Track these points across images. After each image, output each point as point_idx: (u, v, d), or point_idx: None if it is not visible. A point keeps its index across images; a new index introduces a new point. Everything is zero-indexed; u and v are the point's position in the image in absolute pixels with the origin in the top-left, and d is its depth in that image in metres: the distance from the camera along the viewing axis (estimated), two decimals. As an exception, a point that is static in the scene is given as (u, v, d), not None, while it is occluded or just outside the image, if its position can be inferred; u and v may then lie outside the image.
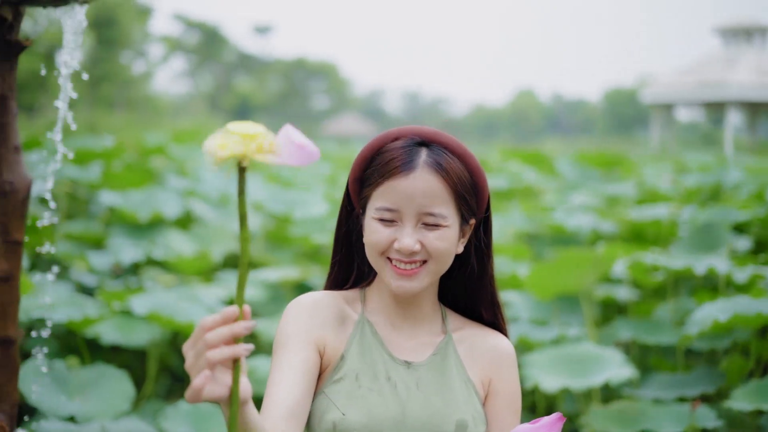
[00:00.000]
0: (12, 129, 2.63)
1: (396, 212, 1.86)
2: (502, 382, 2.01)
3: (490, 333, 2.06)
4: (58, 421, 3.55)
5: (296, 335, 1.91)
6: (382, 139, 1.93)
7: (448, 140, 1.91)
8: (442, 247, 1.87)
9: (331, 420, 1.85)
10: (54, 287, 4.90)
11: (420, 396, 1.91)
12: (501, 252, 5.77)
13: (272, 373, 1.87)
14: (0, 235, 2.62)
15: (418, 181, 1.85)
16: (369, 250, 1.92)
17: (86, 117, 23.29)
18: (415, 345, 1.99)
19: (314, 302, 1.97)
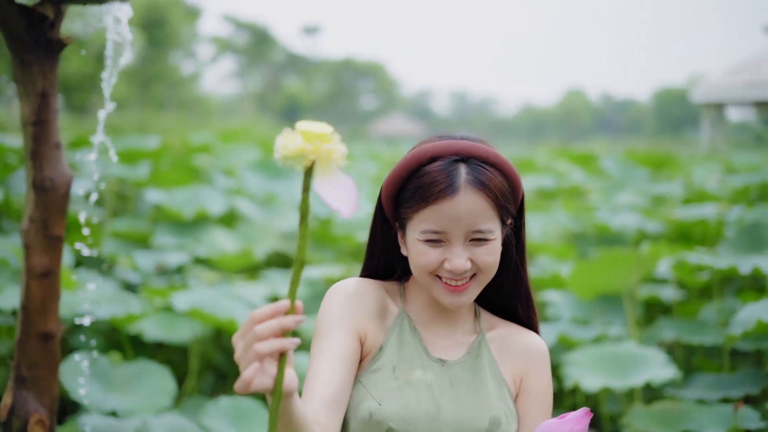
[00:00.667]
0: (53, 126, 2.66)
1: (443, 234, 1.87)
2: (534, 379, 2.02)
3: (523, 331, 2.06)
4: (100, 415, 3.59)
5: (338, 322, 1.92)
6: (417, 159, 1.91)
7: (485, 152, 1.90)
8: (490, 260, 1.90)
9: (368, 409, 1.87)
10: (99, 284, 4.95)
11: (453, 394, 1.92)
12: (544, 251, 5.74)
13: (313, 359, 1.89)
14: (40, 230, 2.66)
15: (463, 202, 1.85)
16: (417, 270, 1.92)
17: (136, 117, 23.51)
18: (450, 344, 2.00)
19: (357, 289, 1.98)
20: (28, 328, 2.66)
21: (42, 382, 2.68)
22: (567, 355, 3.91)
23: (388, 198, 1.97)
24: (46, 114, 2.65)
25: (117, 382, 3.93)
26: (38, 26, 2.60)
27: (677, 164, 11.46)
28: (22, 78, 2.64)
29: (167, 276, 5.53)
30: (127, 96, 34.66)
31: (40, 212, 2.66)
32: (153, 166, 7.55)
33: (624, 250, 4.34)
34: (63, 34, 2.70)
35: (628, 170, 10.06)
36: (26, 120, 2.64)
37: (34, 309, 2.66)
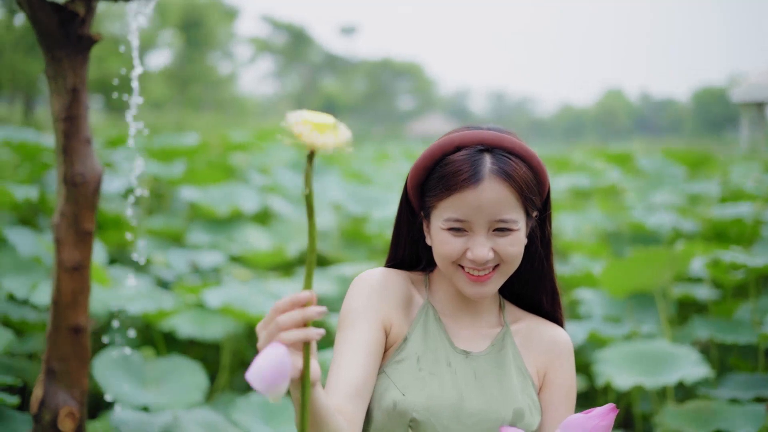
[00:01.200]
0: (83, 121, 2.69)
1: (466, 222, 1.86)
2: (558, 373, 2.00)
3: (548, 325, 2.05)
4: (131, 410, 3.62)
5: (364, 313, 1.92)
6: (443, 148, 1.91)
7: (510, 143, 1.89)
8: (514, 251, 1.88)
9: (392, 399, 1.86)
10: (133, 281, 5.00)
11: (477, 385, 1.92)
12: (578, 250, 5.71)
13: (337, 349, 1.89)
14: (71, 225, 2.69)
15: (487, 191, 1.84)
16: (440, 259, 1.91)
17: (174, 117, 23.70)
18: (474, 335, 1.99)
19: (383, 280, 1.97)
20: (59, 321, 2.70)
21: (72, 375, 2.71)
22: (598, 353, 3.89)
23: (413, 187, 1.96)
24: (77, 110, 2.68)
25: (149, 377, 3.96)
26: (69, 23, 2.63)
27: (715, 163, 11.36)
28: (53, 74, 2.67)
29: (201, 273, 5.56)
30: (165, 96, 34.93)
31: (71, 207, 2.69)
32: (188, 164, 7.60)
33: (657, 249, 4.31)
34: (94, 31, 2.73)
35: (665, 169, 9.98)
36: (57, 116, 2.67)
37: (65, 303, 2.69)
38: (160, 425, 3.40)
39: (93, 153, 2.73)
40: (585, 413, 1.74)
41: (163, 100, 34.31)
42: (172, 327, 4.33)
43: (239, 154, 9.38)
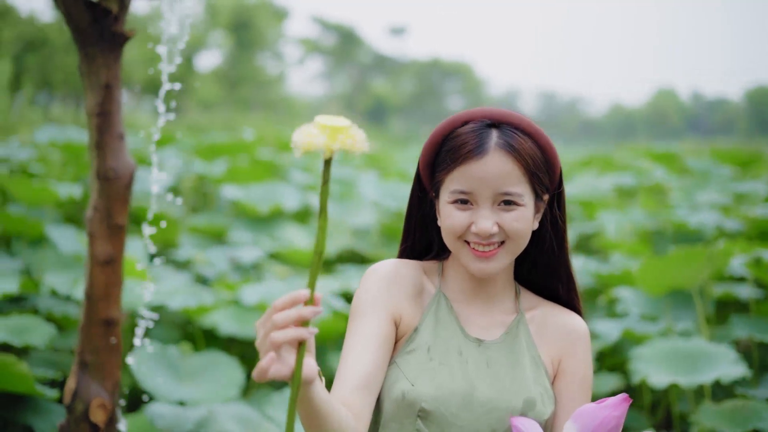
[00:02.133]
0: (116, 117, 2.73)
1: (471, 195, 1.86)
2: (573, 360, 1.99)
3: (564, 312, 2.04)
4: (168, 404, 3.67)
5: (373, 305, 1.92)
6: (451, 123, 1.92)
7: (518, 120, 1.90)
8: (519, 227, 1.87)
9: (401, 390, 1.86)
10: (174, 277, 5.06)
11: (489, 374, 1.91)
12: (618, 248, 5.67)
13: (347, 341, 1.90)
14: (104, 219, 2.73)
15: (491, 163, 1.85)
16: (446, 234, 1.91)
17: (224, 118, 23.91)
18: (488, 323, 1.98)
19: (394, 271, 1.97)
20: (92, 314, 2.74)
21: (104, 368, 2.75)
22: (634, 350, 3.86)
23: (424, 165, 1.97)
24: (110, 105, 2.72)
25: (186, 372, 4.00)
26: (102, 20, 2.67)
27: (764, 163, 11.20)
28: (87, 70, 2.71)
29: (241, 270, 5.61)
30: (215, 97, 35.21)
31: (104, 201, 2.73)
32: (231, 162, 7.67)
33: (695, 247, 4.26)
34: (128, 28, 2.77)
35: (713, 169, 9.87)
36: (91, 111, 2.72)
37: (97, 296, 2.73)
38: (195, 419, 3.45)
39: (126, 148, 2.77)
40: (598, 403, 1.74)
41: (214, 101, 34.59)
42: (214, 324, 4.36)
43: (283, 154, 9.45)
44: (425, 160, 1.96)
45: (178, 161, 7.64)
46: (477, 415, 1.87)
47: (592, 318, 4.70)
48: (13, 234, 5.34)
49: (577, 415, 1.74)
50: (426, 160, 1.96)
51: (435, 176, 1.95)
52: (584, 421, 1.72)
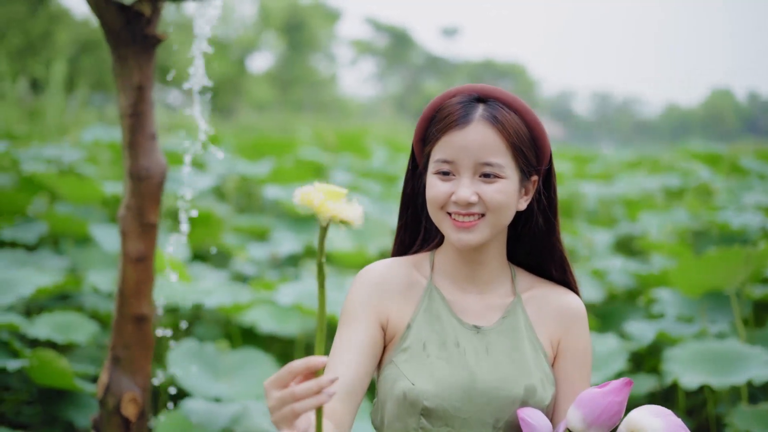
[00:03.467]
0: (148, 117, 2.79)
1: (453, 164, 1.89)
2: (572, 340, 2.00)
3: (561, 291, 2.05)
4: (204, 401, 3.72)
5: (359, 312, 1.95)
6: (441, 98, 1.97)
7: (505, 96, 1.93)
8: (499, 199, 1.89)
9: (402, 389, 1.88)
10: (214, 276, 5.12)
11: (489, 361, 1.92)
12: (658, 249, 5.63)
13: (334, 347, 1.93)
14: (136, 217, 2.79)
15: (473, 133, 1.88)
16: (429, 205, 1.94)
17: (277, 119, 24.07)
18: (484, 308, 1.99)
19: (381, 274, 1.99)
20: (124, 310, 2.80)
21: (136, 363, 2.82)
22: (667, 351, 3.83)
23: (417, 141, 2.01)
24: (143, 106, 2.78)
25: (223, 369, 4.06)
26: (135, 23, 2.73)
27: (818, 164, 11.01)
28: (120, 72, 2.78)
29: (280, 269, 5.66)
30: (268, 98, 35.43)
31: (136, 200, 2.80)
32: (277, 163, 7.74)
33: (733, 248, 4.22)
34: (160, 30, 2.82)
35: (762, 170, 9.73)
36: (123, 112, 2.78)
37: (129, 292, 2.80)
38: (229, 415, 3.50)
39: (158, 148, 2.83)
40: (600, 388, 1.75)
41: (266, 102, 34.82)
42: (253, 322, 4.41)
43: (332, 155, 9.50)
44: (417, 135, 2.00)
45: (223, 162, 7.72)
46: (479, 406, 1.88)
47: (629, 319, 4.68)
48: (60, 233, 5.45)
49: (580, 401, 1.76)
50: (418, 136, 2.00)
51: (425, 150, 1.98)
52: (588, 409, 1.74)
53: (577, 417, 1.76)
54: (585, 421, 1.75)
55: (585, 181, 8.98)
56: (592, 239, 6.22)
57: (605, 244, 6.42)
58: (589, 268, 5.43)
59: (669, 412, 1.78)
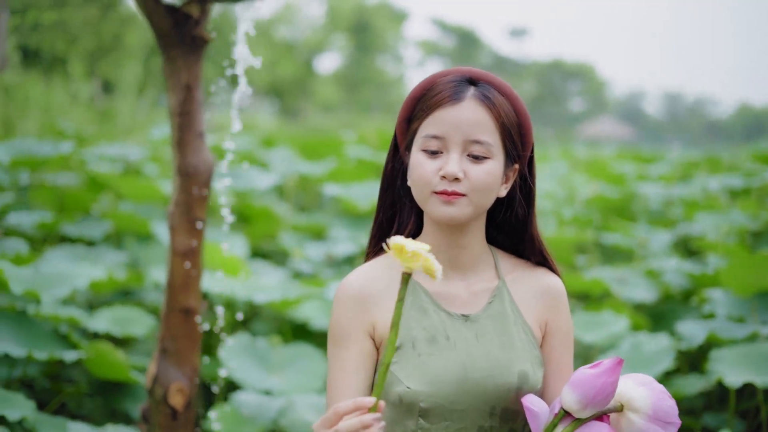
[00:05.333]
0: (196, 116, 2.87)
1: (442, 140, 1.90)
2: (558, 320, 2.03)
3: (542, 273, 2.07)
4: (255, 394, 3.81)
5: (346, 331, 1.95)
6: (431, 78, 1.98)
7: (497, 81, 1.96)
8: (485, 179, 1.90)
9: (397, 393, 1.90)
10: (270, 273, 5.21)
11: (481, 349, 1.93)
12: (714, 250, 5.58)
13: (331, 369, 1.96)
14: (184, 213, 2.87)
15: (465, 110, 1.90)
16: (415, 184, 1.94)
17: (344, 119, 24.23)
18: (470, 295, 1.99)
19: (358, 286, 1.97)
20: (172, 303, 2.89)
21: (183, 354, 2.90)
22: (714, 352, 3.81)
23: (402, 120, 2.01)
24: (191, 105, 2.87)
25: (275, 363, 4.14)
26: (183, 24, 2.81)
27: None
28: (169, 72, 2.87)
29: (335, 266, 5.73)
30: (335, 100, 35.63)
31: (184, 196, 2.88)
32: (338, 162, 7.82)
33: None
34: (208, 31, 2.90)
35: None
36: (172, 111, 2.86)
37: (177, 286, 2.88)
38: (277, 408, 3.58)
39: (205, 146, 2.91)
40: (591, 367, 1.79)
41: (334, 103, 35.03)
42: (306, 318, 4.48)
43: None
44: (403, 114, 2.01)
45: (284, 161, 7.83)
46: (475, 396, 1.90)
47: (682, 319, 4.65)
48: (123, 230, 5.60)
49: (574, 383, 1.79)
50: (403, 115, 2.01)
51: (410, 128, 1.98)
52: (583, 390, 1.78)
53: (572, 398, 1.80)
54: (581, 402, 1.79)
55: (647, 183, 8.91)
56: (646, 239, 6.19)
57: (663, 245, 6.37)
58: (644, 269, 5.40)
59: (651, 380, 1.83)
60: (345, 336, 1.94)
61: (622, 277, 5.12)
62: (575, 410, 1.80)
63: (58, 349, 3.70)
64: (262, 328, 4.83)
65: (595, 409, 1.80)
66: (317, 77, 36.70)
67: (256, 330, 4.81)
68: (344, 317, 1.96)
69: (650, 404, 1.79)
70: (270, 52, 33.23)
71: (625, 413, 1.81)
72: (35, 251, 5.16)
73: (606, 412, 1.82)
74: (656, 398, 1.79)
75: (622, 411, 1.82)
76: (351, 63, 40.26)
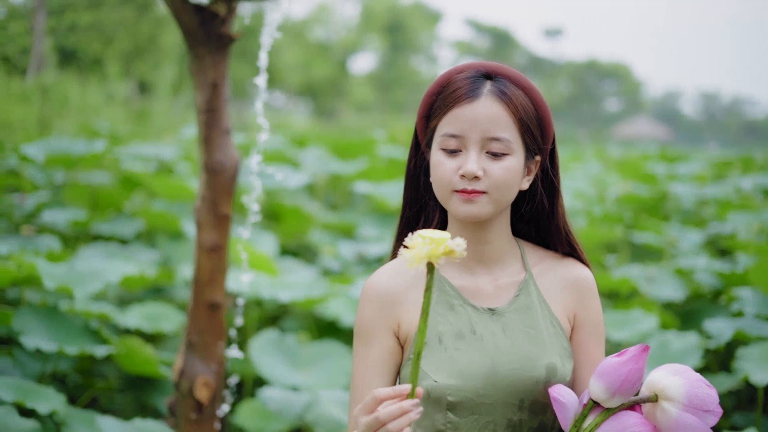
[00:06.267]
0: (223, 113, 2.91)
1: (460, 139, 1.89)
2: (587, 312, 2.01)
3: (569, 263, 2.05)
4: (281, 389, 3.84)
5: (372, 330, 1.95)
6: (447, 74, 1.97)
7: (513, 74, 1.94)
8: (505, 176, 1.89)
9: (425, 388, 1.89)
10: (300, 271, 5.25)
11: (508, 343, 1.92)
12: (744, 249, 5.55)
13: (357, 368, 1.96)
14: (210, 209, 2.91)
15: (482, 107, 1.88)
16: (436, 184, 1.93)
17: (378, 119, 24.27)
18: (496, 289, 1.98)
19: (384, 285, 1.97)
20: (198, 298, 2.93)
21: (209, 348, 2.94)
22: (741, 349, 3.79)
23: (421, 117, 2.00)
24: (217, 102, 2.90)
25: (302, 360, 4.17)
26: (210, 22, 2.85)
27: None
28: (196, 70, 2.90)
29: (365, 264, 5.76)
30: (369, 100, 35.69)
31: (210, 192, 2.92)
32: (370, 162, 7.84)
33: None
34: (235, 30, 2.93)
35: None
36: (199, 108, 2.90)
37: (204, 281, 2.92)
38: (303, 403, 3.60)
39: (231, 143, 2.94)
40: (618, 356, 1.78)
41: (368, 103, 35.09)
42: (335, 315, 4.51)
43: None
44: (421, 112, 2.00)
45: (316, 160, 7.87)
46: (503, 389, 1.89)
47: (711, 317, 4.62)
48: (155, 228, 5.66)
49: (601, 372, 1.78)
50: (422, 112, 2.00)
51: (429, 126, 1.98)
52: (610, 379, 1.76)
53: (599, 388, 1.78)
54: (608, 391, 1.77)
55: (680, 182, 8.87)
56: (676, 238, 6.15)
57: (694, 244, 6.34)
58: (673, 267, 5.38)
59: (687, 368, 1.80)
60: (370, 334, 1.95)
61: (651, 275, 5.10)
62: (603, 399, 1.79)
63: (89, 345, 3.75)
64: (292, 326, 4.86)
65: (624, 398, 1.78)
66: (351, 78, 36.79)
67: (286, 327, 4.85)
68: (369, 315, 1.96)
69: (685, 393, 1.76)
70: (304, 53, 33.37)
71: (659, 403, 1.78)
72: (69, 249, 5.23)
73: (638, 402, 1.80)
74: (691, 387, 1.77)
75: (656, 401, 1.79)
76: (385, 63, 40.32)
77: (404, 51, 40.66)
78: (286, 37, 29.51)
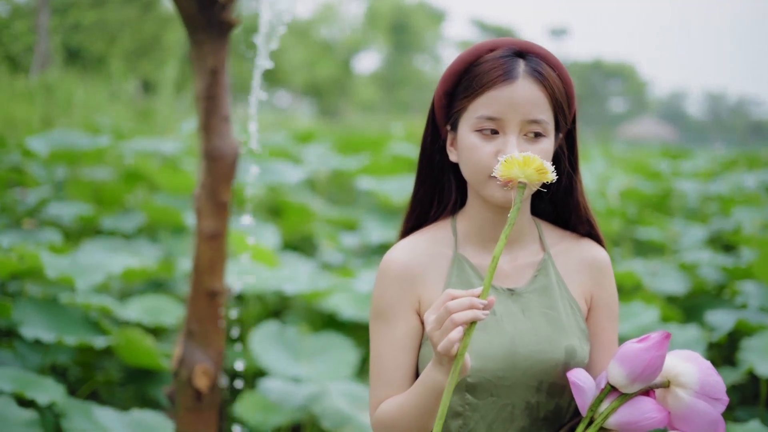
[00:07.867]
0: (222, 100, 2.89)
1: (498, 121, 1.83)
2: (603, 293, 1.99)
3: (586, 244, 2.02)
4: (283, 381, 3.83)
5: (393, 308, 1.91)
6: (475, 51, 1.89)
7: (543, 51, 1.89)
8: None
9: None
10: (301, 265, 5.24)
11: (527, 324, 1.88)
12: (747, 243, 5.53)
13: (377, 345, 1.92)
14: (209, 196, 2.89)
15: (521, 89, 1.82)
16: (471, 168, 1.86)
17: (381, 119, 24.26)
18: (515, 269, 1.94)
19: (403, 262, 1.93)
20: (197, 286, 2.91)
21: (208, 337, 2.92)
22: (745, 341, 3.77)
23: (442, 95, 1.93)
24: (216, 89, 2.88)
25: (303, 352, 4.16)
26: (210, 8, 2.83)
27: None
28: (196, 56, 2.88)
29: (367, 258, 5.75)
30: (373, 99, 35.69)
31: (210, 180, 2.90)
32: (372, 158, 7.83)
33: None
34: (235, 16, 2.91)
35: None
36: (199, 95, 2.88)
37: (203, 269, 2.90)
38: (305, 395, 3.59)
39: (231, 130, 2.92)
40: (639, 341, 1.76)
41: (372, 103, 35.08)
42: (335, 308, 4.49)
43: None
44: (444, 88, 1.92)
45: (319, 156, 7.87)
46: (522, 371, 1.86)
47: (711, 310, 4.60)
48: (157, 222, 5.66)
49: (622, 357, 1.76)
50: (445, 89, 1.92)
51: (455, 105, 1.91)
52: (631, 365, 1.75)
53: (620, 373, 1.76)
54: (629, 377, 1.75)
55: (684, 179, 8.85)
56: (678, 233, 6.14)
57: (697, 239, 6.32)
58: (677, 262, 5.37)
59: (698, 355, 1.80)
60: (392, 313, 1.91)
61: (654, 269, 5.09)
62: (622, 385, 1.78)
63: (88, 335, 3.74)
64: (293, 319, 4.85)
65: (643, 384, 1.77)
66: (356, 77, 36.79)
67: (287, 320, 4.84)
68: (390, 294, 1.92)
69: (697, 380, 1.76)
70: (309, 53, 33.37)
71: (671, 389, 1.78)
72: (70, 243, 5.23)
73: (652, 388, 1.79)
74: (703, 374, 1.76)
75: (668, 387, 1.79)
76: (389, 63, 40.32)
77: (409, 51, 40.63)
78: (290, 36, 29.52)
